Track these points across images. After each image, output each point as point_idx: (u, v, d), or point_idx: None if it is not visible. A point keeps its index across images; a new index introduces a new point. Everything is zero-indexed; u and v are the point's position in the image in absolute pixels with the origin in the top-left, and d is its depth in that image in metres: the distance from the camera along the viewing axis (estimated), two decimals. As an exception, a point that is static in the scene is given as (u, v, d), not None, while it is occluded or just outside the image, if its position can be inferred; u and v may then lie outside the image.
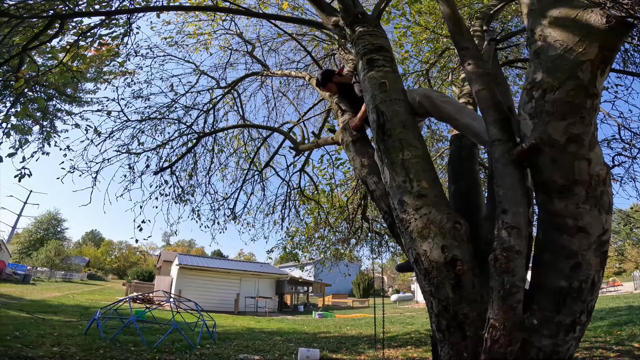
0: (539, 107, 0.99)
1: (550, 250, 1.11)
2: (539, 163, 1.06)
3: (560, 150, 1.00)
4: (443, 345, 1.12)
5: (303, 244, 8.14)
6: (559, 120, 0.96)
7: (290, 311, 20.31)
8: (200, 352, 6.29)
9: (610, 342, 5.37)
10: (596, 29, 0.90)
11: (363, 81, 1.65)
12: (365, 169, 2.07)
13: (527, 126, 1.04)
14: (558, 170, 1.04)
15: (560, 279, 1.08)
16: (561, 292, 1.07)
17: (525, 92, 1.05)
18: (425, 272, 1.16)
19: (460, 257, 1.13)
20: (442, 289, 1.12)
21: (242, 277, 21.03)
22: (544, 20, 1.02)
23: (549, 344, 1.01)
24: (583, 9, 0.94)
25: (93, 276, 39.86)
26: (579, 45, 0.93)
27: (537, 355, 1.00)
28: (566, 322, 1.05)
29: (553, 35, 0.99)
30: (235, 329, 10.80)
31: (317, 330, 10.11)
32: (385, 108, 1.41)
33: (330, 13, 2.26)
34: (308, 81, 3.51)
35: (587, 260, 1.07)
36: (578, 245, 1.07)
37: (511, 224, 1.05)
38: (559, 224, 1.09)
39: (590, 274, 1.07)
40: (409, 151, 1.31)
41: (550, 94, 0.96)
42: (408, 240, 1.23)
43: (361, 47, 1.79)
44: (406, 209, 1.23)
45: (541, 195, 1.12)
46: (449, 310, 1.11)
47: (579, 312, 1.06)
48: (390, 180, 1.32)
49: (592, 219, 1.06)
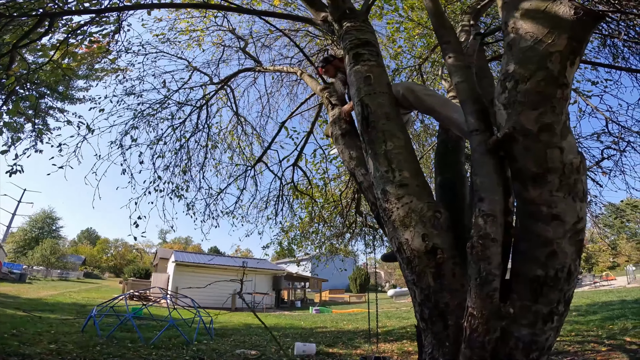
0: (512, 97, 1.01)
1: (527, 238, 1.14)
2: (514, 152, 1.08)
3: (533, 139, 1.02)
4: (426, 335, 1.16)
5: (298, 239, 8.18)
6: (530, 110, 0.99)
7: (288, 307, 20.44)
8: (197, 348, 6.34)
9: (602, 336, 5.46)
10: (565, 20, 0.92)
11: (349, 75, 1.67)
12: (353, 161, 2.09)
13: (502, 116, 1.07)
14: (532, 159, 1.06)
15: (537, 267, 1.10)
16: (538, 280, 1.09)
17: (499, 83, 1.07)
18: (407, 260, 1.19)
19: (441, 245, 1.16)
20: (424, 277, 1.15)
21: (238, 273, 21.07)
22: (517, 13, 1.04)
23: (527, 333, 1.04)
24: (552, 1, 0.95)
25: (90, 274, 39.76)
26: (548, 37, 0.95)
27: (516, 345, 1.03)
28: (544, 311, 1.07)
29: (524, 27, 1.01)
30: (232, 324, 10.86)
31: (314, 326, 10.19)
32: (369, 101, 1.43)
33: (320, 9, 2.27)
34: (300, 76, 3.52)
35: (562, 249, 1.09)
36: (553, 233, 1.09)
37: (487, 212, 1.08)
38: (534, 211, 1.11)
39: (566, 262, 1.09)
40: (391, 142, 1.33)
41: (522, 84, 0.99)
42: (391, 229, 1.26)
43: (348, 42, 1.80)
44: (389, 198, 1.26)
45: (517, 184, 1.15)
46: (431, 299, 1.14)
47: (556, 301, 1.08)
48: (374, 170, 1.35)
49: (566, 207, 1.08)
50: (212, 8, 3.32)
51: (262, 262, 26.18)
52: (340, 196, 6.09)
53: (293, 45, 5.67)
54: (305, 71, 3.47)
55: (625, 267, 23.82)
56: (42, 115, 4.52)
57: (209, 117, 5.37)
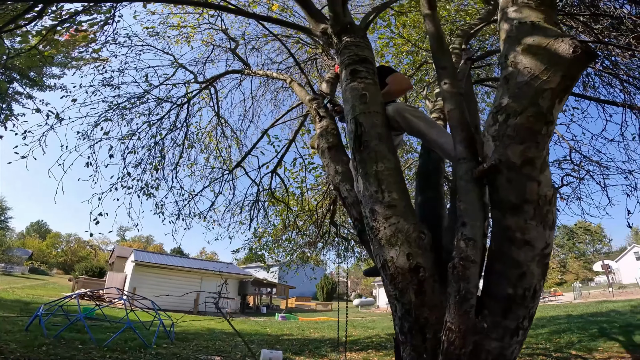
0: (501, 130, 1.10)
1: (500, 260, 1.23)
2: (497, 182, 1.17)
3: (516, 172, 1.12)
4: (405, 347, 1.20)
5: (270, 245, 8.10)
6: (517, 144, 1.08)
7: (253, 312, 20.02)
8: (156, 352, 6.06)
9: (550, 349, 5.85)
10: (563, 58, 1.01)
11: (344, 91, 1.71)
12: (338, 176, 2.13)
13: (489, 147, 1.16)
14: (512, 190, 1.16)
15: (508, 287, 1.19)
16: (508, 298, 1.18)
17: (491, 115, 1.16)
18: (391, 277, 1.24)
19: (423, 264, 1.22)
20: (406, 293, 1.20)
21: (203, 276, 20.44)
22: (518, 47, 1.12)
23: (496, 346, 1.12)
24: (555, 38, 1.04)
25: (36, 270, 36.66)
26: (544, 74, 1.03)
27: (487, 357, 1.10)
28: (511, 326, 1.16)
29: (523, 62, 1.09)
30: (195, 329, 10.48)
31: (280, 332, 10.05)
32: (363, 120, 1.48)
33: (320, 20, 2.29)
34: (289, 84, 3.52)
35: (531, 271, 1.19)
36: (524, 257, 1.19)
37: (469, 236, 1.16)
38: (509, 237, 1.20)
39: (533, 282, 1.20)
40: (382, 163, 1.39)
41: (512, 118, 1.08)
42: (377, 247, 1.31)
43: (346, 57, 1.84)
44: (377, 218, 1.31)
45: (496, 211, 1.24)
46: (411, 314, 1.19)
47: (522, 317, 1.18)
48: (364, 189, 1.39)
49: (537, 234, 1.19)
50: (211, 7, 3.26)
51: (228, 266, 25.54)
52: (317, 206, 6.12)
53: (282, 51, 5.71)
54: (294, 79, 3.48)
55: (572, 284, 25.68)
56: (8, 100, 4.17)
57: (189, 116, 5.23)
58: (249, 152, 4.63)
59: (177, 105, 5.01)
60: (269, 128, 4.27)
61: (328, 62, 4.00)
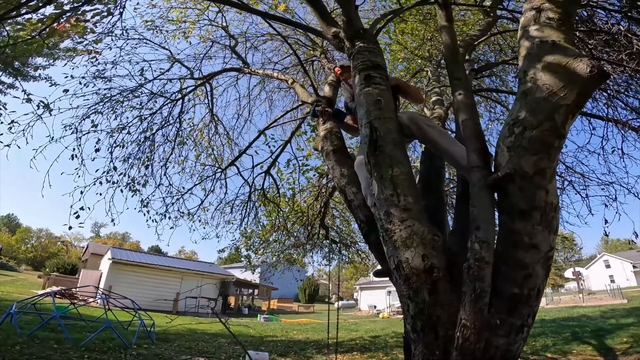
0: (517, 141, 1.18)
1: (507, 262, 1.30)
2: (509, 190, 1.25)
3: (528, 181, 1.20)
4: (417, 345, 1.25)
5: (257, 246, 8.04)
6: (531, 155, 1.16)
7: (234, 313, 19.73)
8: (137, 352, 5.92)
9: (527, 351, 6.09)
10: (579, 77, 1.09)
11: (359, 95, 1.75)
12: (344, 178, 2.17)
13: (503, 157, 1.23)
14: (523, 197, 1.23)
15: (514, 287, 1.26)
16: (514, 298, 1.26)
17: (507, 126, 1.23)
18: (405, 277, 1.29)
19: (437, 265, 1.28)
20: (420, 293, 1.25)
21: (184, 275, 20.03)
22: (539, 65, 1.20)
23: (504, 343, 1.19)
24: (574, 58, 1.12)
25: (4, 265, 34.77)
26: (562, 91, 1.12)
27: (495, 353, 1.17)
28: (517, 324, 1.23)
29: (543, 79, 1.17)
30: (175, 329, 10.25)
31: (263, 334, 9.96)
32: (379, 125, 1.53)
33: (330, 23, 2.34)
34: (291, 85, 3.53)
35: (536, 272, 1.28)
36: (530, 259, 1.27)
37: (482, 239, 1.23)
38: (517, 240, 1.28)
39: (538, 283, 1.28)
40: (397, 168, 1.44)
41: (529, 131, 1.15)
42: (391, 248, 1.35)
43: (360, 62, 1.88)
44: (392, 220, 1.36)
45: (504, 216, 1.31)
46: (425, 313, 1.24)
47: (527, 315, 1.26)
48: (378, 192, 1.44)
49: (542, 238, 1.27)
50: (220, 2, 3.19)
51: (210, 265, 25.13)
52: (308, 208, 6.15)
53: (279, 50, 5.71)
54: (297, 81, 3.50)
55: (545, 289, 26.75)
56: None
57: (183, 112, 5.16)
58: (244, 151, 4.60)
59: (171, 101, 4.93)
60: (265, 128, 4.26)
61: (328, 65, 4.03)
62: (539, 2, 1.32)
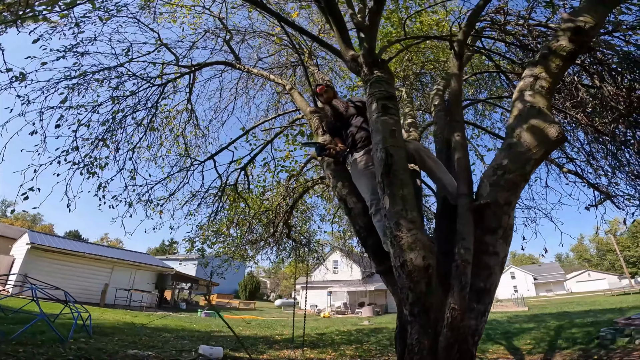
0: (498, 180, 1.68)
1: (477, 264, 1.80)
2: (485, 213, 1.74)
3: (500, 209, 1.70)
4: (414, 325, 1.67)
5: (213, 240, 7.97)
6: (505, 191, 1.66)
7: (171, 307, 18.77)
8: (77, 347, 5.62)
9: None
10: (549, 139, 1.60)
11: (375, 122, 2.09)
12: (345, 189, 2.54)
13: (485, 189, 1.72)
14: (494, 219, 1.74)
15: (481, 282, 1.76)
16: (480, 290, 1.75)
17: (492, 169, 1.73)
18: (408, 272, 1.70)
19: (432, 264, 1.71)
20: (419, 285, 1.67)
21: (115, 265, 18.54)
22: (525, 125, 1.69)
23: (474, 323, 1.67)
24: (549, 124, 1.63)
25: None
26: (535, 148, 1.63)
27: (469, 331, 1.64)
28: (482, 309, 1.73)
29: (524, 138, 1.67)
30: (109, 322, 9.65)
31: (209, 329, 9.83)
32: (393, 152, 1.92)
33: (349, 45, 2.53)
34: (288, 91, 3.72)
35: (495, 272, 1.79)
36: (492, 262, 1.78)
37: (466, 247, 1.70)
38: (485, 249, 1.78)
39: (496, 280, 1.80)
40: (406, 189, 1.85)
41: (507, 174, 1.66)
42: (398, 250, 1.75)
43: (377, 91, 2.15)
44: (401, 229, 1.76)
45: (479, 231, 1.81)
46: (421, 300, 1.67)
47: (488, 303, 1.76)
48: (390, 207, 1.83)
49: (502, 248, 1.79)
50: None
51: (146, 256, 23.51)
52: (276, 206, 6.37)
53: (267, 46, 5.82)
54: (295, 87, 3.70)
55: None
56: None
57: (164, 97, 5.05)
58: (226, 147, 4.69)
59: (151, 85, 4.80)
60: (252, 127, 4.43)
61: (320, 75, 4.27)
62: (538, 71, 1.84)
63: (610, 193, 4.28)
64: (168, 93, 5.19)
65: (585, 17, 1.91)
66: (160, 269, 20.25)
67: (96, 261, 17.79)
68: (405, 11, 4.52)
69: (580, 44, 1.81)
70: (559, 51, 1.84)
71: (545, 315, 12.87)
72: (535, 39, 3.64)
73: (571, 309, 14.93)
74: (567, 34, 1.86)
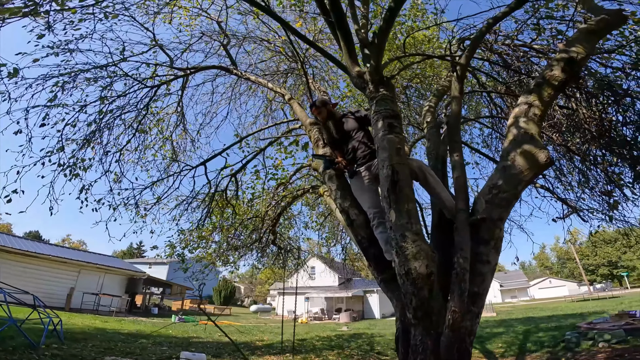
0: (493, 198, 1.89)
1: (472, 272, 1.99)
2: (481, 227, 1.95)
3: (493, 223, 1.91)
4: (417, 327, 1.83)
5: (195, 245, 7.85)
6: (499, 208, 1.87)
7: (142, 313, 18.03)
8: (50, 353, 5.41)
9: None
10: (539, 163, 1.82)
11: (381, 140, 2.22)
12: (347, 202, 2.66)
13: (482, 206, 1.93)
14: (488, 232, 1.95)
15: (475, 287, 1.95)
16: (475, 294, 1.94)
17: (487, 188, 1.94)
18: (413, 280, 1.86)
19: (434, 272, 1.88)
20: (422, 290, 1.84)
21: (82, 269, 17.64)
22: (518, 149, 1.90)
23: (470, 324, 1.85)
24: (540, 149, 1.85)
25: None
26: (526, 170, 1.85)
27: (465, 330, 1.82)
28: (476, 312, 1.91)
29: (517, 161, 1.89)
30: (79, 327, 9.24)
31: (186, 335, 9.59)
32: (399, 169, 2.08)
33: (355, 62, 2.57)
34: (288, 101, 3.79)
35: (487, 278, 1.99)
36: (485, 270, 1.98)
37: (464, 256, 1.89)
38: (479, 258, 1.98)
39: (488, 285, 2.00)
40: (411, 203, 2.02)
41: (501, 194, 1.87)
42: (403, 260, 1.91)
43: (383, 109, 2.26)
44: (406, 240, 1.92)
45: (473, 242, 2.01)
46: (424, 304, 1.83)
47: (481, 306, 1.96)
48: (396, 220, 1.99)
49: (493, 257, 2.00)
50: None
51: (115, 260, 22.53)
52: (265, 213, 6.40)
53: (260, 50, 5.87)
54: (295, 98, 3.76)
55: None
56: None
57: (155, 99, 5.01)
58: (219, 153, 4.71)
59: (144, 87, 4.75)
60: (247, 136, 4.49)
61: (316, 86, 4.35)
62: (532, 99, 2.06)
63: (576, 207, 4.72)
64: (160, 95, 5.16)
65: (578, 48, 2.14)
66: (132, 272, 19.46)
67: (62, 264, 16.86)
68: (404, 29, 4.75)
69: (572, 74, 2.06)
70: (551, 80, 2.08)
71: (512, 321, 13.57)
72: (519, 59, 3.93)
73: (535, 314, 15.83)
74: (561, 64, 2.10)
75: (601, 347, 5.18)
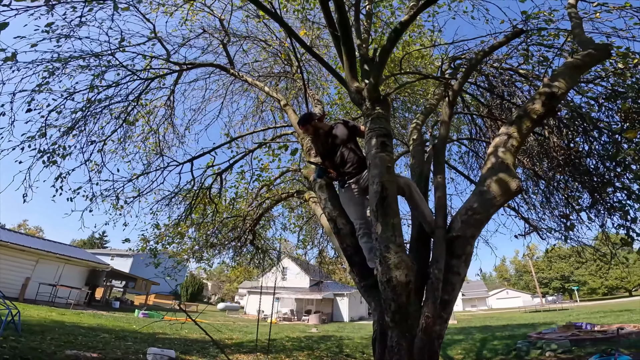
0: (468, 219, 2.15)
1: (444, 281, 2.25)
2: (455, 243, 2.21)
3: (467, 240, 2.18)
4: (394, 330, 2.05)
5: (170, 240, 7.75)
6: (473, 228, 2.14)
7: (102, 306, 17.26)
8: (9, 345, 5.22)
9: None
10: (510, 190, 2.10)
11: (374, 157, 2.39)
12: (336, 210, 2.85)
13: (457, 224, 2.19)
14: (460, 248, 2.21)
15: (445, 295, 2.20)
16: (445, 302, 2.18)
17: (464, 209, 2.19)
18: (393, 287, 2.08)
19: (413, 280, 2.11)
20: (401, 297, 2.06)
21: (40, 258, 16.68)
22: (494, 177, 2.16)
23: (438, 329, 2.09)
24: (512, 178, 2.13)
25: None
26: (499, 196, 2.12)
27: (435, 334, 2.06)
28: (445, 317, 2.16)
29: (493, 187, 2.16)
30: (35, 320, 8.82)
31: (151, 331, 9.36)
32: (388, 186, 2.30)
33: (355, 77, 2.67)
34: (283, 107, 3.91)
35: (457, 288, 2.25)
36: (455, 280, 2.23)
37: (439, 268, 2.13)
38: (451, 270, 2.24)
39: (456, 294, 2.25)
40: (396, 218, 2.24)
41: (475, 215, 2.14)
42: (386, 269, 2.12)
43: (378, 127, 2.42)
44: (390, 251, 2.14)
45: (447, 256, 2.26)
46: (402, 309, 2.06)
47: (449, 313, 2.21)
48: (382, 232, 2.21)
49: (463, 269, 2.26)
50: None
51: (76, 250, 21.44)
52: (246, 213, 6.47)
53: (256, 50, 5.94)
54: (290, 104, 3.88)
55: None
56: None
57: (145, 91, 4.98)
58: (209, 151, 4.75)
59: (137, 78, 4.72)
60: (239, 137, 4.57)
61: (313, 94, 4.47)
62: (512, 131, 2.32)
63: (537, 226, 5.19)
64: (152, 88, 5.12)
65: (560, 83, 2.36)
66: (94, 264, 18.60)
67: (19, 252, 15.84)
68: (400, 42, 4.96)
69: (551, 108, 2.33)
70: (531, 114, 2.34)
71: (471, 328, 14.34)
72: (503, 83, 4.20)
73: (492, 323, 16.78)
74: (542, 98, 2.35)
75: (548, 356, 5.70)
